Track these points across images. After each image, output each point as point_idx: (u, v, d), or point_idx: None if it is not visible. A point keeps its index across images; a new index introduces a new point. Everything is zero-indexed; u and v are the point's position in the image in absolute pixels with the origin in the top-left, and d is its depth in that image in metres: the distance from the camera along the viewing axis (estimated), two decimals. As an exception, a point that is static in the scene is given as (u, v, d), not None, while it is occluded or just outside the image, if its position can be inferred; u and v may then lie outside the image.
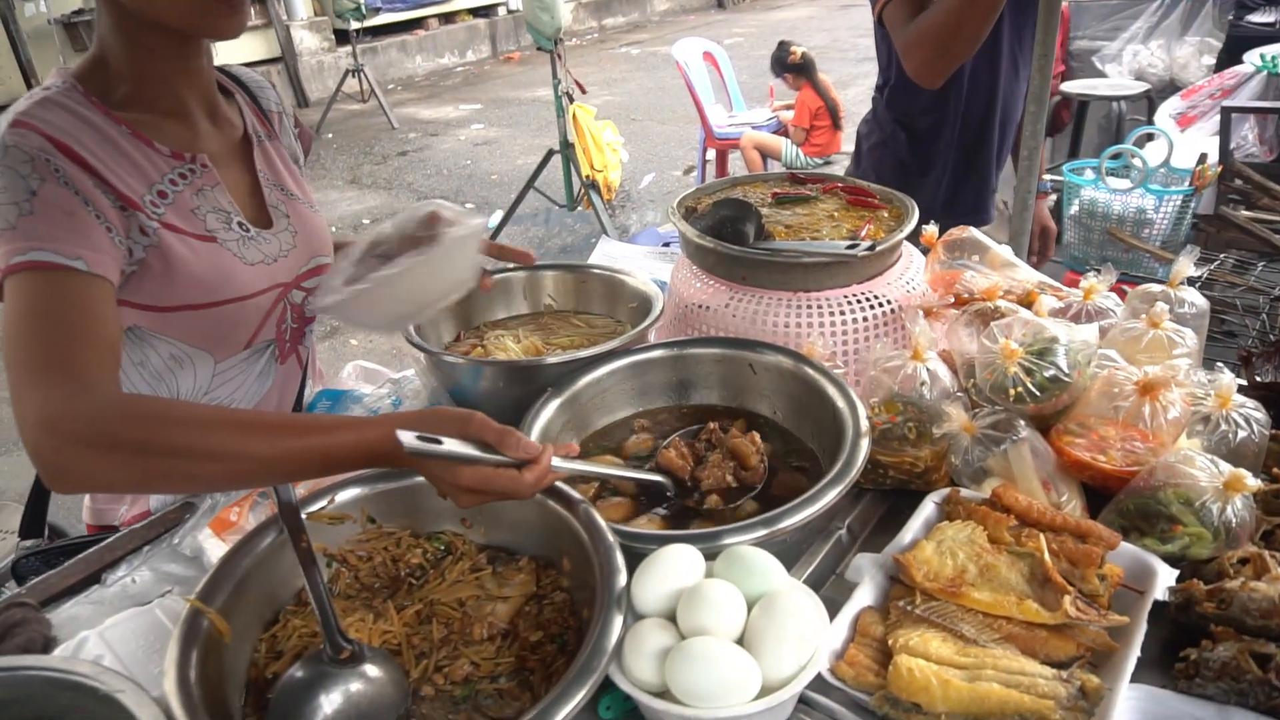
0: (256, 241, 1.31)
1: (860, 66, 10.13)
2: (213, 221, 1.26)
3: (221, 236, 1.26)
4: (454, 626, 1.03)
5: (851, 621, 1.00)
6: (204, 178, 1.26)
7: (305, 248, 1.39)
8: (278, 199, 1.38)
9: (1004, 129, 2.27)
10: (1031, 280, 1.47)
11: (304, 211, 1.42)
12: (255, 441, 0.94)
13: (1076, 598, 0.96)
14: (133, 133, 1.18)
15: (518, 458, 0.96)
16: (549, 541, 1.10)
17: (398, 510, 1.15)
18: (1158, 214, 3.65)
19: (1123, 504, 1.11)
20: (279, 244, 1.35)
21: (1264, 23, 5.42)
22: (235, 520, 1.25)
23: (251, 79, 1.45)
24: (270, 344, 1.39)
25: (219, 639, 0.96)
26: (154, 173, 1.19)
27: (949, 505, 1.14)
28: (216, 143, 1.31)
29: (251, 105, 1.42)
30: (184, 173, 1.23)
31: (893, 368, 1.25)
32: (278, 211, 1.37)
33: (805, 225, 1.59)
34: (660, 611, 0.93)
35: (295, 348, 1.46)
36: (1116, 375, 1.16)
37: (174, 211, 1.20)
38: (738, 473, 1.23)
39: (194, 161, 1.25)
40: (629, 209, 6.84)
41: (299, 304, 1.41)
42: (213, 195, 1.27)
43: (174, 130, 1.24)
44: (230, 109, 1.37)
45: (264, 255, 1.31)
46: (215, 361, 1.32)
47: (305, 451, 0.95)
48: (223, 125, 1.33)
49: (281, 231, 1.36)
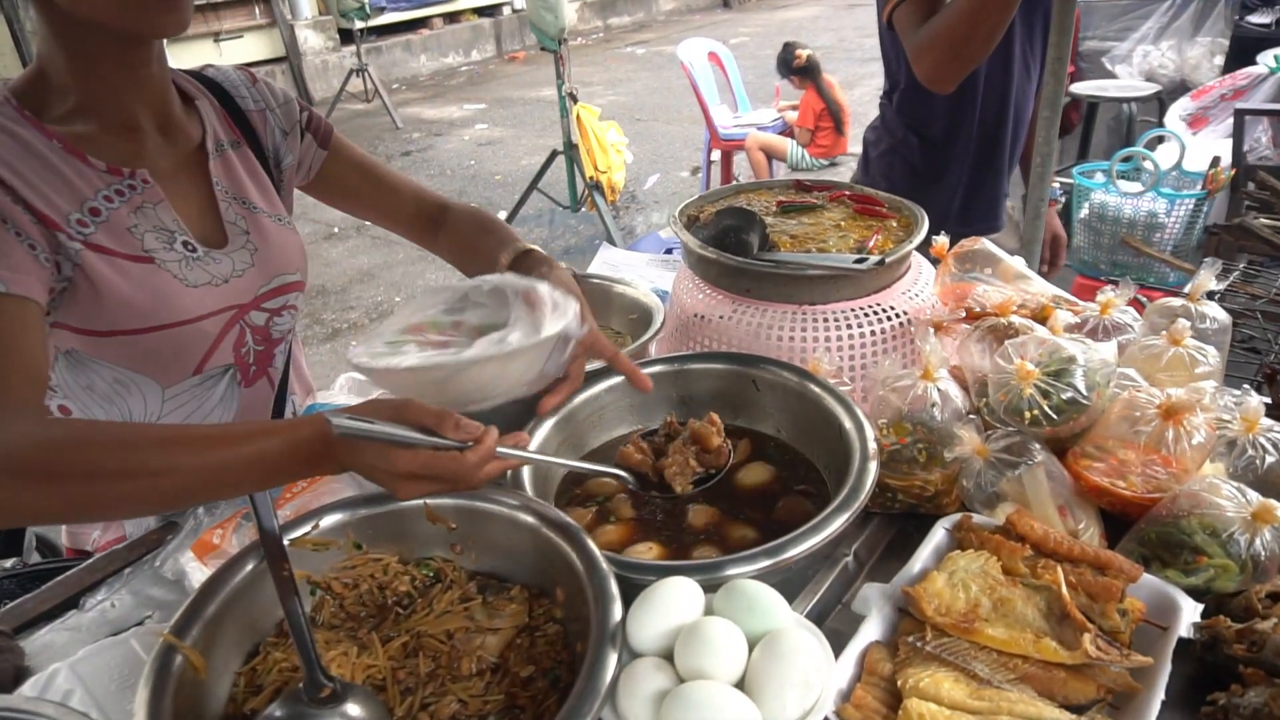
0: (204, 262, 1.23)
1: (866, 67, 10.06)
2: (151, 241, 1.18)
3: (161, 257, 1.18)
4: (441, 660, 0.98)
5: (858, 658, 0.95)
6: (145, 194, 1.18)
7: (266, 266, 1.31)
8: (237, 214, 1.29)
9: (1016, 132, 2.21)
10: (1046, 294, 1.42)
11: (268, 226, 1.33)
12: (181, 456, 0.90)
13: (1097, 635, 0.91)
14: (66, 148, 1.12)
15: (458, 439, 0.92)
16: (542, 569, 1.06)
17: (385, 535, 1.10)
18: (1169, 218, 3.60)
19: (1143, 533, 1.06)
20: (232, 264, 1.26)
21: (1261, 24, 5.37)
22: (218, 543, 1.21)
23: (226, 79, 1.36)
24: (229, 368, 1.31)
25: (194, 674, 0.91)
26: (86, 189, 1.13)
27: (960, 532, 1.09)
28: (167, 156, 1.23)
29: (220, 110, 1.33)
30: (121, 189, 1.16)
31: (902, 388, 1.19)
32: (235, 228, 1.28)
33: (811, 235, 1.54)
34: (657, 650, 0.89)
35: (264, 370, 1.38)
36: (1138, 398, 1.11)
37: (106, 231, 1.14)
38: (700, 456, 1.19)
39: (133, 177, 1.18)
40: (633, 210, 6.79)
41: (262, 325, 1.33)
42: (154, 213, 1.19)
43: (115, 144, 1.17)
44: (189, 117, 1.28)
45: (211, 276, 1.23)
46: (163, 388, 1.25)
47: (237, 462, 0.91)
48: (176, 137, 1.25)
49: (237, 250, 1.27)
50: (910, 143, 2.25)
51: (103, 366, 1.20)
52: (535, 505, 1.07)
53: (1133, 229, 3.51)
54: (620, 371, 1.25)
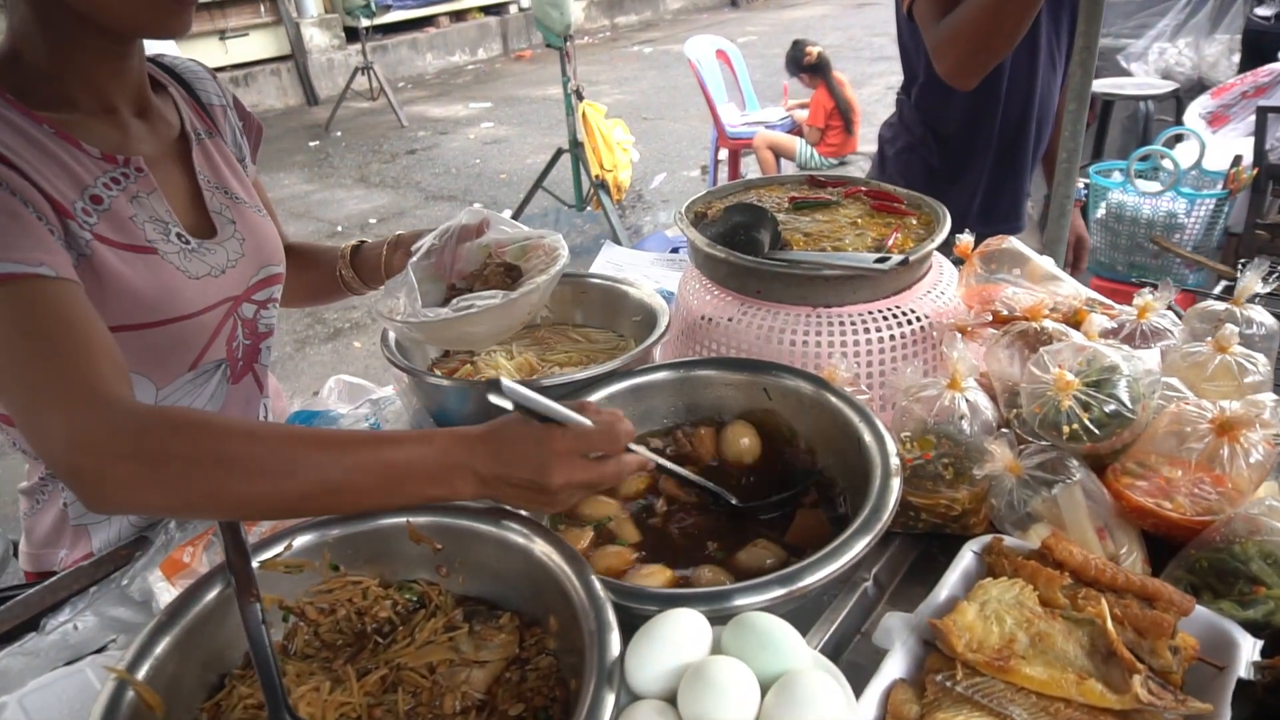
0: (199, 253, 1.17)
1: (875, 66, 9.95)
2: (151, 232, 1.12)
3: (162, 249, 1.12)
4: (423, 697, 0.90)
5: (881, 699, 0.86)
6: (139, 183, 1.13)
7: (255, 256, 1.26)
8: (221, 203, 1.24)
9: (1040, 129, 2.11)
10: (1079, 296, 1.32)
11: (251, 216, 1.28)
12: (313, 457, 0.85)
13: (1148, 677, 0.82)
14: (57, 133, 1.05)
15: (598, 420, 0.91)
16: (534, 595, 0.97)
17: (364, 556, 1.01)
18: (1189, 218, 3.50)
19: (1193, 559, 0.97)
20: (225, 254, 1.21)
21: (1264, 16, 5.26)
22: (189, 562, 1.12)
23: (187, 69, 1.32)
24: (221, 363, 1.25)
25: (150, 713, 0.83)
26: (85, 176, 1.06)
27: (991, 556, 0.99)
28: (150, 145, 1.17)
29: (188, 99, 1.28)
30: (116, 177, 1.10)
31: (927, 398, 1.10)
32: (222, 218, 1.23)
33: (826, 233, 1.45)
34: (659, 692, 0.80)
35: (251, 366, 1.32)
36: (1187, 411, 1.01)
37: (108, 221, 1.07)
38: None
39: (128, 165, 1.12)
40: (640, 210, 6.71)
41: (251, 318, 1.27)
42: (149, 203, 1.13)
43: (102, 131, 1.11)
44: (164, 104, 1.23)
45: (210, 267, 1.18)
46: (158, 387, 1.18)
47: (372, 470, 0.86)
48: (156, 124, 1.20)
49: (228, 240, 1.22)
50: (928, 140, 2.15)
51: None
52: (527, 525, 0.98)
53: (1151, 230, 3.41)
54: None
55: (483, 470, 0.88)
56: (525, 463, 0.88)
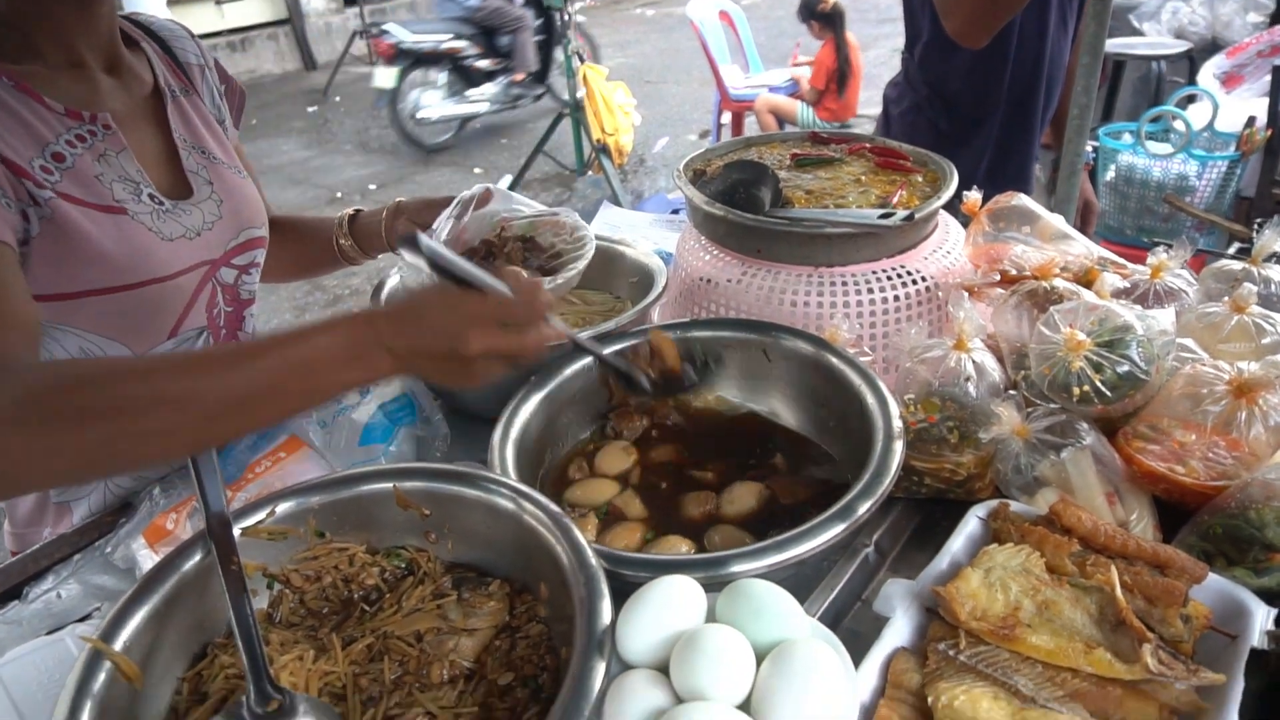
0: (174, 214, 1.12)
1: (881, 28, 9.77)
2: (120, 191, 1.07)
3: (132, 209, 1.08)
4: (409, 665, 0.87)
5: (882, 668, 0.84)
6: (107, 141, 1.08)
7: (233, 219, 1.21)
8: (198, 163, 1.19)
9: (1050, 90, 2.04)
10: (1091, 255, 1.28)
11: (230, 177, 1.23)
12: (213, 374, 0.77)
13: (1158, 646, 0.79)
14: (17, 86, 1.00)
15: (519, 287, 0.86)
16: (524, 562, 0.94)
17: (351, 522, 0.98)
18: (1201, 181, 3.42)
19: (1206, 525, 0.93)
20: (202, 215, 1.16)
21: None
22: (172, 528, 1.10)
23: (164, 27, 1.26)
24: (202, 331, 1.21)
25: (128, 685, 0.80)
26: (46, 132, 1.01)
27: (997, 522, 0.96)
28: (121, 101, 1.12)
29: (164, 57, 1.22)
30: (82, 134, 1.05)
31: (932, 359, 1.07)
32: (199, 178, 1.18)
33: (828, 190, 1.40)
34: (651, 661, 0.77)
35: (234, 334, 1.28)
36: (1203, 372, 0.97)
37: (73, 179, 1.02)
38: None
39: (94, 122, 1.07)
40: (641, 174, 6.62)
41: (231, 284, 1.23)
42: (118, 162, 1.08)
43: (67, 85, 1.05)
44: (137, 61, 1.17)
45: (185, 229, 1.13)
46: (134, 355, 1.14)
47: (279, 370, 0.78)
48: (127, 79, 1.14)
49: (204, 200, 1.18)
50: (934, 101, 2.09)
51: (68, 335, 1.08)
52: (517, 489, 0.95)
53: (1161, 192, 3.33)
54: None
55: (396, 345, 0.82)
56: (440, 331, 0.82)
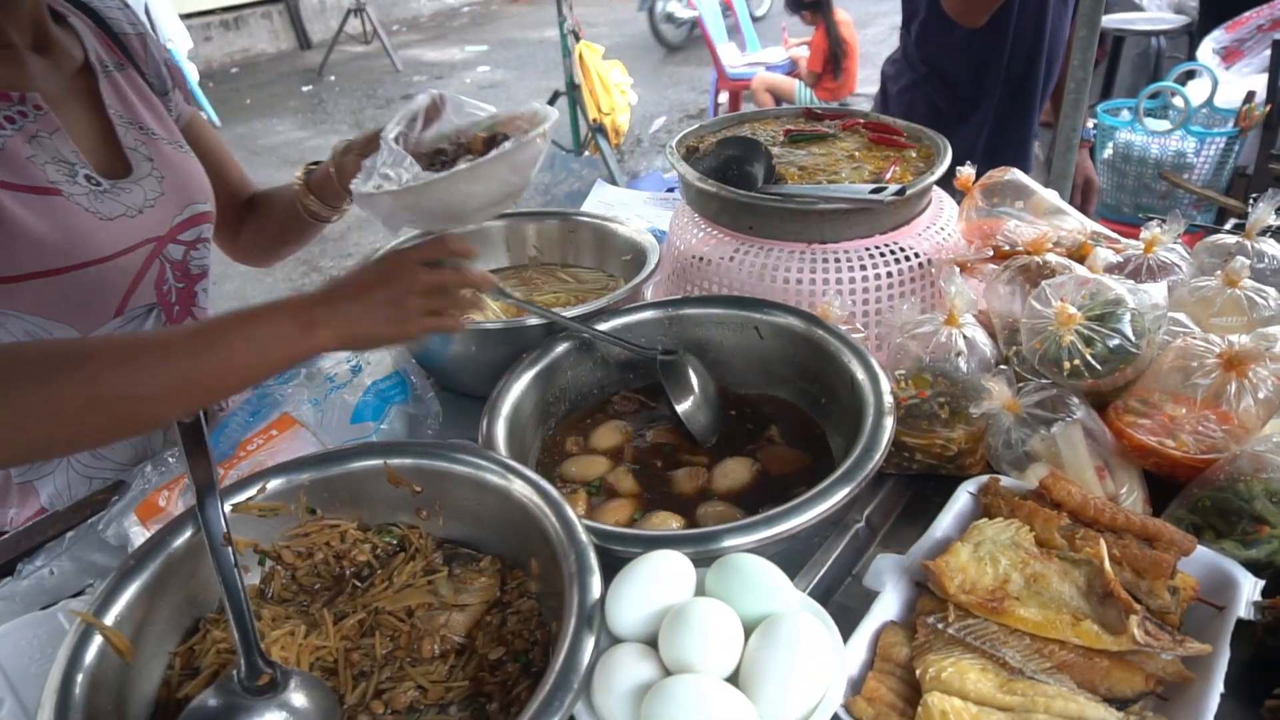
0: (113, 193, 1.11)
1: (879, 5, 9.69)
2: (54, 173, 1.05)
3: (67, 190, 1.06)
4: (400, 640, 0.87)
5: (870, 641, 0.84)
6: (39, 122, 1.05)
7: (177, 194, 1.19)
8: (136, 140, 1.17)
9: (1049, 66, 2.03)
10: (1084, 230, 1.27)
11: (171, 153, 1.21)
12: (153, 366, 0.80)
13: (1145, 618, 0.79)
14: None
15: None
16: (515, 538, 0.94)
17: (342, 499, 0.99)
18: (1199, 158, 3.40)
19: (1195, 498, 0.94)
20: (143, 192, 1.14)
21: None
22: (164, 506, 1.10)
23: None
24: (152, 307, 1.19)
25: (119, 659, 0.81)
26: None
27: (987, 497, 0.96)
28: (51, 80, 1.09)
29: (97, 30, 1.19)
30: (11, 115, 1.03)
31: (923, 334, 1.06)
32: (138, 155, 1.16)
33: (822, 167, 1.39)
34: (640, 635, 0.77)
35: (188, 309, 1.26)
36: (1193, 346, 0.97)
37: (2, 162, 1.00)
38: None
39: (23, 103, 1.04)
40: (638, 155, 6.59)
41: (180, 260, 1.21)
42: (51, 143, 1.06)
43: None
44: (66, 37, 1.14)
45: (126, 207, 1.11)
46: (83, 335, 1.12)
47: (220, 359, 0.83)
48: (57, 58, 1.11)
49: (145, 178, 1.15)
50: (932, 79, 2.07)
51: (13, 318, 1.07)
52: (507, 466, 0.95)
53: (1160, 170, 3.31)
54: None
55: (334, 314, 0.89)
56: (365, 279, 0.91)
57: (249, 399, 1.27)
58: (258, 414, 1.24)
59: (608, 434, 1.16)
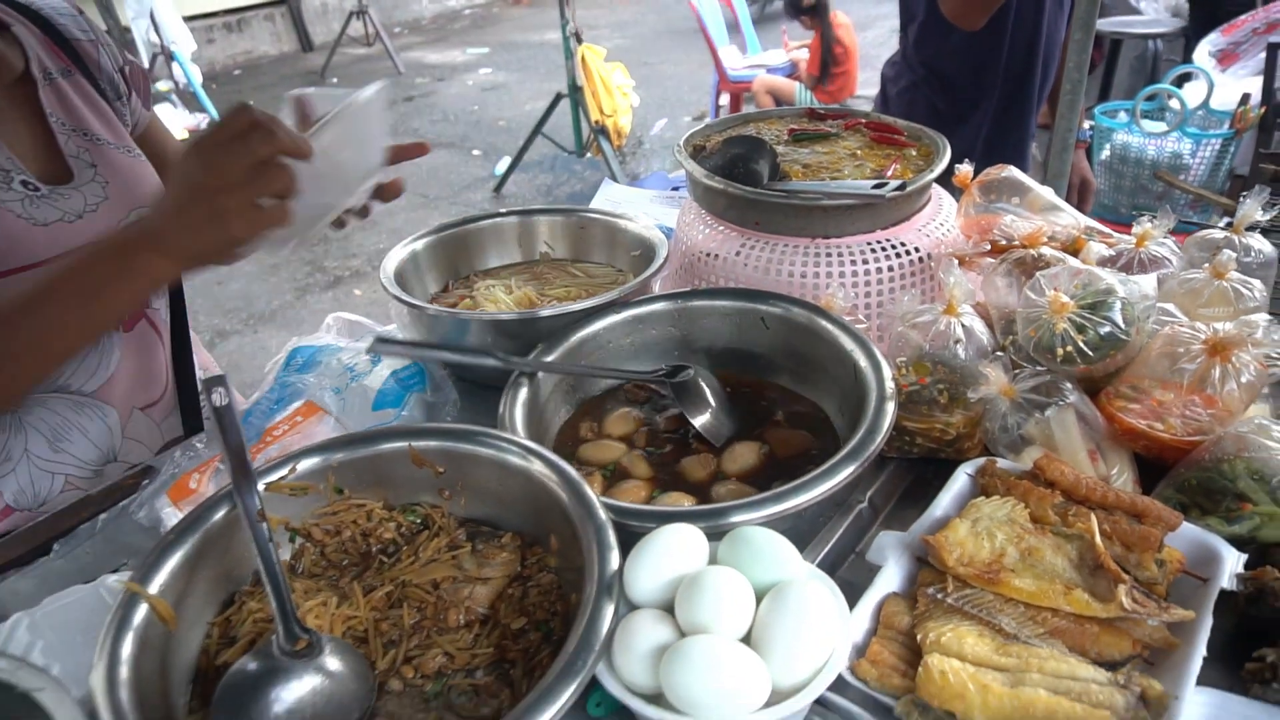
0: (50, 199, 1.13)
1: (880, 7, 9.76)
2: None
3: (1, 197, 1.08)
4: (427, 611, 0.92)
5: (874, 611, 0.89)
6: None
7: (122, 199, 1.21)
8: (79, 147, 1.19)
9: (1046, 69, 2.08)
10: (1078, 225, 1.32)
11: (117, 158, 1.22)
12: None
13: (1133, 587, 0.84)
14: None
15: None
16: (535, 516, 0.99)
17: (368, 480, 1.03)
18: (1194, 159, 3.45)
19: (1182, 478, 0.98)
20: (83, 199, 1.16)
21: None
22: (195, 488, 1.14)
23: (45, 4, 1.23)
24: None
25: (162, 626, 0.85)
26: None
27: (984, 478, 1.01)
28: None
29: (42, 37, 1.21)
30: None
31: (923, 323, 1.11)
32: (80, 162, 1.18)
33: (825, 164, 1.44)
34: (656, 602, 0.82)
35: (142, 312, 1.28)
36: (1180, 333, 1.02)
37: None
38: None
39: None
40: (640, 156, 6.64)
41: None
42: None
43: None
44: (6, 45, 1.17)
45: (63, 213, 1.14)
46: None
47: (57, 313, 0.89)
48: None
49: (87, 184, 1.18)
50: (931, 80, 2.12)
51: None
52: (527, 448, 0.99)
53: (1156, 170, 3.36)
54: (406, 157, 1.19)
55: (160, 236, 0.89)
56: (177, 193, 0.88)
57: (271, 388, 1.32)
58: (281, 402, 1.29)
59: (621, 421, 1.21)
